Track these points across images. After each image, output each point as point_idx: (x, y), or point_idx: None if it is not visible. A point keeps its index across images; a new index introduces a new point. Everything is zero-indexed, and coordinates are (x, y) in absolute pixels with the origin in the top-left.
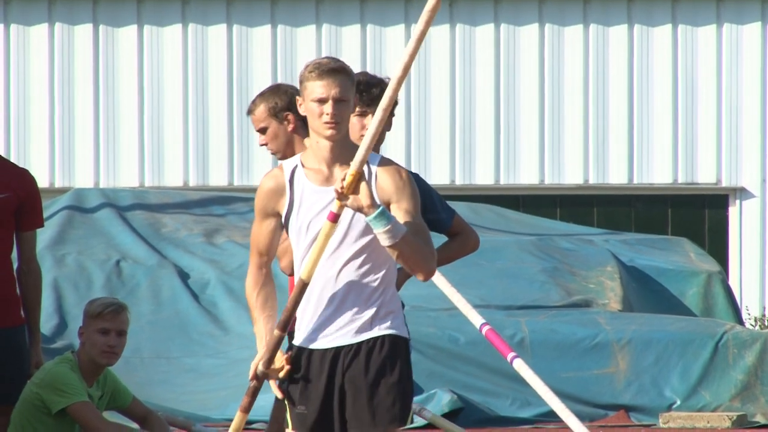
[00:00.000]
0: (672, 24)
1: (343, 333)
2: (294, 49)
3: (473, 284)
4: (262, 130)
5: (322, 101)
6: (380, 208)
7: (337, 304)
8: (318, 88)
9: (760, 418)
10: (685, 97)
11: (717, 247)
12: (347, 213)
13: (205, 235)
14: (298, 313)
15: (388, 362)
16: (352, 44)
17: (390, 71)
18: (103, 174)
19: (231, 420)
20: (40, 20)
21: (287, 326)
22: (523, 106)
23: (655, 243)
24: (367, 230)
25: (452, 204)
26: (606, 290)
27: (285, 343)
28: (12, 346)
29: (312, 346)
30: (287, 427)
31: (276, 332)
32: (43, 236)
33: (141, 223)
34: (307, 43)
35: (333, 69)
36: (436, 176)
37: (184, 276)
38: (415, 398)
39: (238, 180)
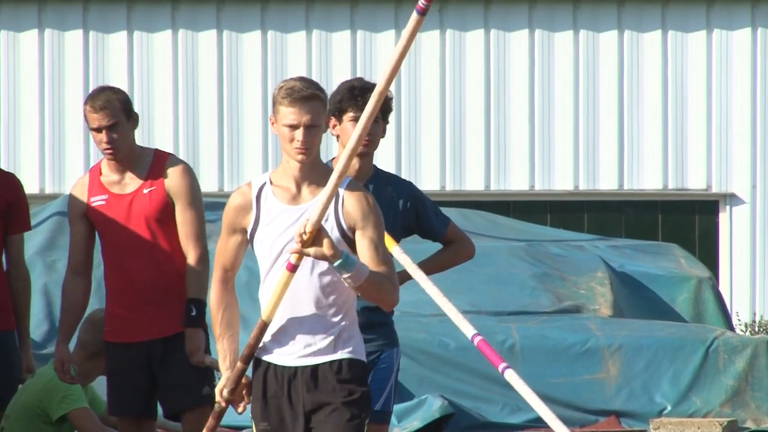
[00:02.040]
0: (662, 30)
1: (306, 353)
2: (284, 55)
3: (464, 290)
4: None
5: (293, 127)
6: (343, 257)
7: (300, 325)
8: (290, 114)
9: (750, 424)
10: (675, 102)
11: (707, 252)
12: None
13: None
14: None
15: (349, 384)
16: (342, 50)
17: (380, 77)
18: None
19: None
20: (30, 26)
21: (250, 360)
22: (513, 112)
23: (646, 249)
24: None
25: (443, 210)
26: (596, 296)
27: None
28: (2, 351)
29: (274, 362)
30: None
31: (239, 365)
32: (33, 242)
33: None
34: (297, 48)
35: (305, 97)
36: (427, 182)
37: None
38: (406, 404)
39: (228, 185)
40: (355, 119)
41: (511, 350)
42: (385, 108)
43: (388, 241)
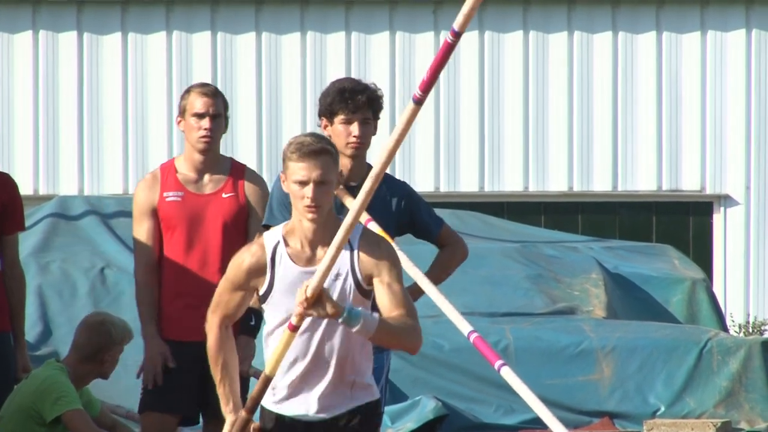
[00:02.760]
0: (656, 31)
1: (318, 406)
2: (279, 57)
3: (457, 291)
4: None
5: (303, 183)
6: (346, 312)
7: (313, 376)
8: (299, 170)
9: (744, 425)
10: (669, 104)
11: (701, 254)
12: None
13: None
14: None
15: (363, 429)
16: (337, 51)
17: (374, 78)
18: (87, 181)
19: None
20: (25, 28)
21: (254, 411)
22: (507, 114)
23: (640, 250)
24: None
25: (437, 212)
26: (590, 297)
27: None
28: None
29: (284, 413)
30: None
31: (244, 415)
32: (28, 243)
33: (125, 230)
34: (291, 50)
35: (314, 151)
36: (421, 183)
37: None
38: (400, 405)
39: None
40: (347, 122)
41: (505, 352)
42: (375, 107)
43: None
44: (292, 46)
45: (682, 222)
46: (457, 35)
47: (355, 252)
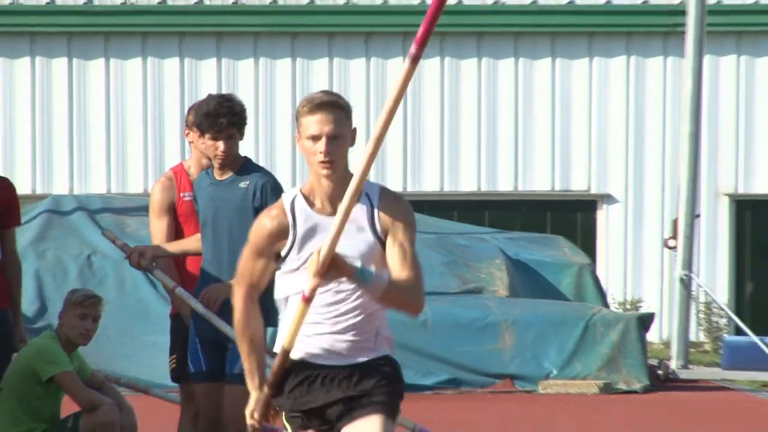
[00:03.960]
0: (551, 58)
1: (342, 355)
2: (236, 81)
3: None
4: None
5: (315, 138)
6: (359, 272)
7: (338, 328)
8: (311, 124)
9: (622, 386)
10: (562, 119)
11: (587, 244)
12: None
13: None
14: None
15: (386, 378)
16: (284, 78)
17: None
18: (76, 182)
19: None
20: (23, 54)
21: (276, 386)
22: (427, 125)
23: (536, 240)
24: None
25: None
26: (495, 279)
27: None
28: (2, 326)
29: (311, 361)
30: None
31: (267, 391)
32: (27, 235)
33: (108, 223)
34: (246, 75)
35: (325, 103)
36: None
37: None
38: None
39: None
40: (214, 139)
41: (424, 325)
42: (239, 124)
43: None
44: (246, 71)
45: (571, 217)
46: None
47: (375, 209)
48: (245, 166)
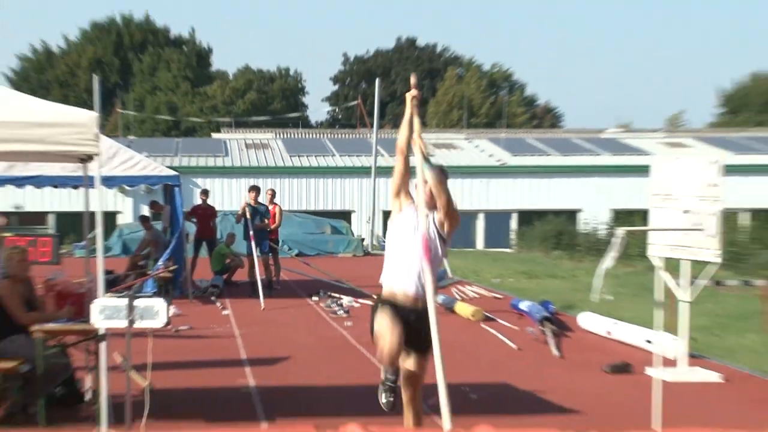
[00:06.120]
0: None
1: (418, 294)
2: None
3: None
4: None
5: None
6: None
7: (416, 273)
8: None
9: None
10: None
11: None
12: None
13: None
14: (390, 276)
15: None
16: None
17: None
18: None
19: None
20: None
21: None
22: None
23: None
24: (434, 234)
25: None
26: None
27: None
28: None
29: (400, 294)
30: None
31: (414, 92)
32: None
33: None
34: None
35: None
36: None
37: None
38: None
39: None
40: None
41: None
42: None
43: None
44: None
45: None
46: None
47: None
48: None
